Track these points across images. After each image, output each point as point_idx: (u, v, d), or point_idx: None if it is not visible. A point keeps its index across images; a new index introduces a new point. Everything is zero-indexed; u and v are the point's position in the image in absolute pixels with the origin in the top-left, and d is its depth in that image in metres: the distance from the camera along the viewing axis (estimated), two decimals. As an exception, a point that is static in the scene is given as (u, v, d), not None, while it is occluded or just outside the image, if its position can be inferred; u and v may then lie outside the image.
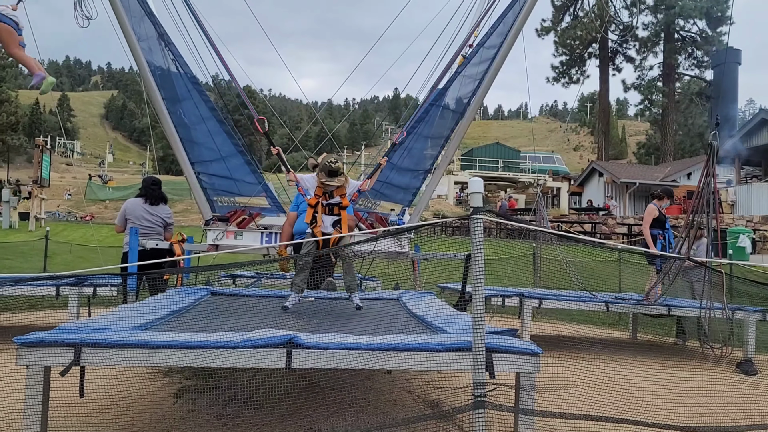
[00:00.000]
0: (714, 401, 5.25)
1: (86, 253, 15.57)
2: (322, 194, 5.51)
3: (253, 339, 3.36)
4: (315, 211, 5.51)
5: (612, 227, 27.08)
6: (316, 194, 5.55)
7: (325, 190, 5.46)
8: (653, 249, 8.38)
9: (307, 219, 5.60)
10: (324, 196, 5.52)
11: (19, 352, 3.22)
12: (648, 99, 48.46)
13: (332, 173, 5.33)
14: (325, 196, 5.52)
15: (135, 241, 6.58)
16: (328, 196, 5.52)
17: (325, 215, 5.52)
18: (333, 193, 5.50)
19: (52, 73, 6.98)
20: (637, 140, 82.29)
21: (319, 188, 5.51)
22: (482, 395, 3.06)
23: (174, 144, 7.22)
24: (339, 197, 5.55)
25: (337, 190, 5.51)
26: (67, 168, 61.42)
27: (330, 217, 5.52)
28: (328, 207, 5.53)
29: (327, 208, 5.53)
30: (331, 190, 5.47)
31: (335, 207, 5.54)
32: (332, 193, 5.51)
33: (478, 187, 3.22)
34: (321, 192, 5.50)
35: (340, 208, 5.55)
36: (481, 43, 7.88)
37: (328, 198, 5.51)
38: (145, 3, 7.13)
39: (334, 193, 5.51)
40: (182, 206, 31.64)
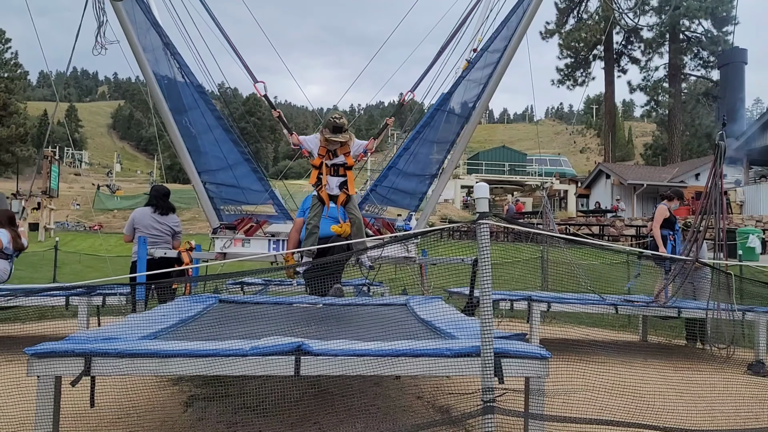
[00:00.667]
0: (726, 403, 5.22)
1: (95, 262, 15.64)
2: (326, 153, 5.28)
3: (262, 347, 3.37)
4: (320, 172, 5.30)
5: (620, 229, 26.98)
6: (320, 154, 5.32)
7: (328, 147, 5.24)
8: (663, 250, 8.34)
9: (311, 180, 5.40)
10: (328, 155, 5.29)
11: (30, 362, 3.24)
12: (654, 100, 48.35)
13: (336, 129, 5.14)
14: (329, 155, 5.29)
15: (143, 250, 6.61)
16: (332, 154, 5.29)
17: (330, 176, 5.30)
18: (337, 151, 5.28)
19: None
20: (643, 141, 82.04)
21: (323, 147, 5.28)
22: (491, 400, 3.05)
23: (181, 153, 7.26)
24: (343, 156, 5.31)
25: (341, 148, 5.27)
26: (75, 178, 61.76)
27: (335, 178, 5.31)
28: (333, 168, 5.31)
29: (332, 169, 5.31)
30: (335, 148, 5.24)
31: (340, 168, 5.32)
32: (336, 152, 5.29)
33: (484, 192, 3.21)
34: (325, 151, 5.27)
35: (345, 168, 5.34)
36: (485, 47, 7.90)
37: (332, 157, 5.28)
38: (150, 14, 7.19)
39: (338, 152, 5.29)
40: (190, 214, 31.74)
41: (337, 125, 5.15)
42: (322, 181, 5.28)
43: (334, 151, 5.28)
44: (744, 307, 7.09)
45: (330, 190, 5.31)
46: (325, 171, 5.31)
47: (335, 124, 5.15)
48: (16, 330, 6.85)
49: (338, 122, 5.15)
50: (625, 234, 26.15)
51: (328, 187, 5.31)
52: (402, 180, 8.33)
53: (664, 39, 46.57)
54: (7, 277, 7.45)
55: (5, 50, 59.97)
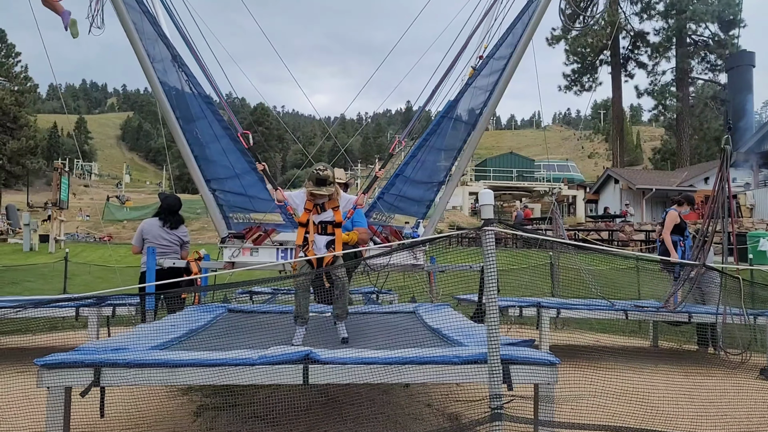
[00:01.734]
0: (738, 409, 5.17)
1: (105, 273, 15.72)
2: (312, 207, 4.99)
3: (270, 356, 3.38)
4: (306, 231, 4.99)
5: (629, 234, 26.85)
6: (306, 209, 5.01)
7: (314, 201, 4.97)
8: (674, 255, 8.27)
9: (297, 241, 5.07)
10: (315, 210, 5.00)
11: (40, 373, 3.26)
12: (662, 104, 48.23)
13: (320, 181, 4.83)
14: (316, 209, 5.00)
15: (152, 260, 6.64)
16: (320, 209, 5.01)
17: (318, 235, 5.00)
18: (325, 206, 5.00)
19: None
20: (652, 146, 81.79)
21: (309, 202, 4.99)
22: (499, 407, 3.05)
23: (189, 163, 7.30)
24: (331, 211, 5.03)
25: (328, 203, 5.01)
26: (85, 190, 62.15)
27: (323, 237, 5.00)
28: (321, 225, 5.02)
29: (320, 227, 5.01)
30: (321, 202, 4.97)
31: (328, 225, 5.01)
32: (324, 207, 5.01)
33: (489, 199, 3.22)
34: (311, 205, 4.99)
35: (334, 225, 5.02)
36: (491, 54, 7.91)
37: (319, 212, 5.00)
38: (158, 26, 7.25)
39: (326, 206, 5.01)
40: (198, 224, 31.87)
41: (320, 177, 4.84)
42: (309, 240, 4.96)
43: (322, 205, 5.00)
44: (755, 312, 7.04)
45: (317, 250, 4.98)
46: (312, 229, 4.99)
47: (318, 177, 4.84)
48: (26, 341, 6.89)
49: (321, 174, 4.84)
50: (634, 239, 26.02)
51: (315, 246, 4.99)
52: (409, 187, 8.34)
53: (670, 43, 46.46)
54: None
55: (15, 64, 60.56)
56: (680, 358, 7.75)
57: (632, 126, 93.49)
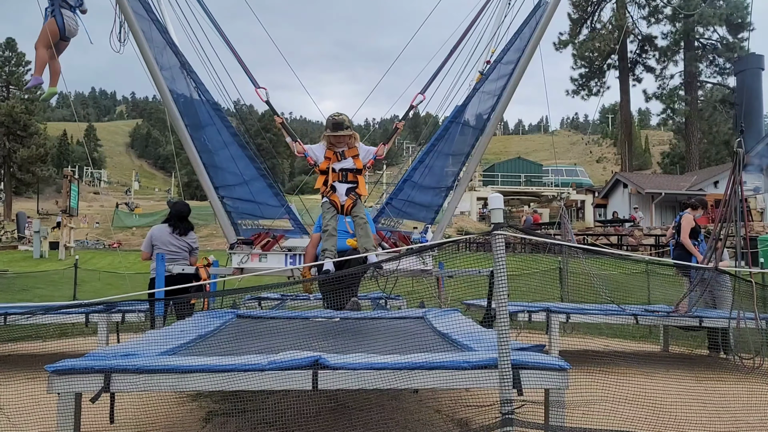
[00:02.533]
0: (751, 414, 5.12)
1: (114, 280, 15.78)
2: (333, 155, 5.05)
3: (280, 361, 3.37)
4: (326, 178, 5.07)
5: (639, 239, 26.72)
6: (327, 157, 5.09)
7: (335, 149, 5.04)
8: (699, 257, 8.15)
9: (317, 185, 5.17)
10: (335, 157, 5.06)
11: (51, 379, 3.26)
12: (670, 108, 47.99)
13: (337, 125, 4.94)
14: (336, 156, 5.06)
15: (162, 267, 6.67)
16: (340, 156, 5.07)
17: (339, 182, 5.08)
18: (345, 153, 5.06)
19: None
20: (661, 150, 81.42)
21: (329, 150, 5.07)
22: (509, 413, 3.03)
23: (198, 169, 7.33)
24: (352, 159, 5.09)
25: (348, 151, 5.06)
26: (95, 197, 62.49)
27: (344, 184, 5.09)
28: (342, 173, 5.09)
29: (340, 175, 5.09)
30: (341, 149, 5.03)
31: (349, 173, 5.10)
32: (344, 154, 5.07)
33: (499, 203, 3.21)
34: (331, 153, 5.05)
35: (354, 173, 5.10)
36: (498, 58, 7.91)
37: (339, 158, 5.06)
38: (166, 34, 7.30)
39: (346, 154, 5.08)
40: (207, 231, 31.96)
41: (336, 121, 4.95)
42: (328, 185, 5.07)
43: (342, 153, 5.08)
44: (765, 316, 6.97)
45: (339, 195, 5.09)
46: (332, 176, 5.09)
47: (335, 121, 4.95)
48: (37, 347, 6.91)
49: (338, 118, 4.96)
50: (644, 243, 25.89)
51: (337, 192, 5.10)
52: (417, 193, 8.34)
53: (678, 47, 46.28)
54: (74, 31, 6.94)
55: (26, 72, 61.04)
56: (692, 363, 7.69)
57: (641, 130, 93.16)
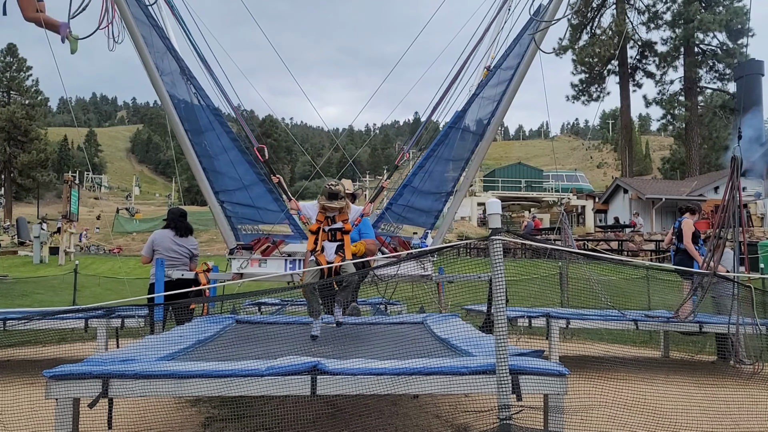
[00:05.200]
0: (752, 420, 5.11)
1: (114, 285, 15.77)
2: (324, 219, 5.48)
3: (278, 366, 3.37)
4: (316, 238, 5.48)
5: (639, 244, 26.69)
6: (318, 220, 5.53)
7: (326, 214, 5.46)
8: (700, 260, 8.13)
9: (309, 246, 5.59)
10: (326, 221, 5.49)
11: (49, 385, 3.26)
12: (670, 113, 48.00)
13: (332, 196, 5.34)
14: (327, 221, 5.49)
15: (161, 272, 6.66)
16: (330, 221, 5.49)
17: (328, 241, 5.48)
18: (335, 218, 5.48)
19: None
20: (661, 155, 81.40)
21: (321, 214, 5.49)
22: (507, 418, 3.02)
23: (197, 174, 7.33)
24: (341, 222, 5.51)
25: (339, 216, 5.49)
26: (95, 202, 62.52)
27: (332, 243, 5.48)
28: (331, 233, 5.50)
29: (329, 234, 5.50)
30: (332, 215, 5.46)
31: (337, 232, 5.50)
32: (334, 218, 5.49)
33: (497, 208, 3.21)
34: (323, 217, 5.48)
35: (343, 233, 5.51)
36: (498, 64, 7.91)
37: (330, 223, 5.49)
38: (167, 39, 7.30)
39: (336, 219, 5.49)
40: (207, 236, 31.94)
41: (332, 192, 5.36)
42: (317, 247, 5.46)
43: (333, 217, 5.50)
44: (766, 321, 6.96)
45: (327, 255, 5.47)
46: (322, 236, 5.49)
47: (330, 191, 5.36)
48: (35, 353, 6.91)
49: (333, 189, 5.37)
50: (644, 249, 25.86)
51: (326, 252, 5.47)
52: (417, 198, 8.33)
53: (678, 53, 46.33)
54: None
55: (26, 77, 61.16)
56: (692, 369, 7.67)
57: (641, 135, 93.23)
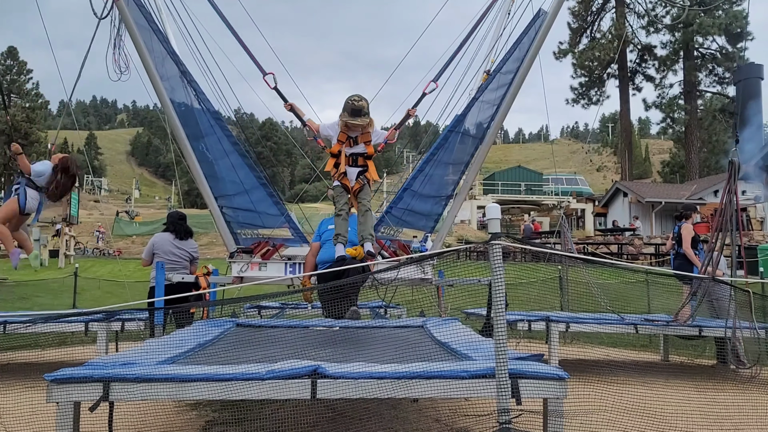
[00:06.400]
0: (752, 424, 5.11)
1: (114, 288, 15.77)
2: (345, 140, 5.00)
3: (278, 370, 3.37)
4: (337, 160, 5.03)
5: (639, 247, 26.69)
6: (339, 140, 5.04)
7: (349, 133, 4.98)
8: (699, 265, 8.13)
9: (328, 168, 5.16)
10: (348, 142, 5.03)
11: (49, 389, 3.27)
12: (670, 117, 48.04)
13: (356, 112, 4.85)
14: (349, 142, 5.03)
15: (161, 275, 6.67)
16: (352, 142, 5.03)
17: (349, 167, 5.04)
18: (357, 139, 5.02)
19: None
20: (661, 159, 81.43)
21: (343, 134, 5.02)
22: (507, 422, 3.02)
23: (197, 178, 7.35)
24: (363, 145, 5.04)
25: (361, 136, 5.00)
26: (95, 205, 62.47)
27: (354, 168, 5.05)
28: (352, 157, 5.06)
29: (350, 159, 5.06)
30: (356, 135, 4.97)
31: (359, 157, 5.08)
32: (356, 139, 5.03)
33: (496, 213, 3.22)
34: (345, 137, 5.00)
35: (365, 158, 5.07)
36: (497, 68, 7.94)
37: (351, 145, 5.02)
38: (167, 43, 7.33)
39: (359, 140, 5.03)
40: (207, 239, 31.93)
41: (356, 107, 4.85)
42: (340, 170, 5.03)
43: (355, 138, 5.03)
44: (766, 325, 6.97)
45: (349, 180, 5.08)
46: (344, 160, 5.04)
47: (354, 107, 4.86)
48: (36, 356, 6.91)
49: (357, 104, 4.86)
50: (644, 252, 25.85)
51: (348, 176, 5.08)
52: (417, 202, 8.34)
53: (678, 56, 46.40)
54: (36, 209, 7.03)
55: (27, 81, 61.24)
56: (692, 373, 7.67)
57: (641, 139, 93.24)
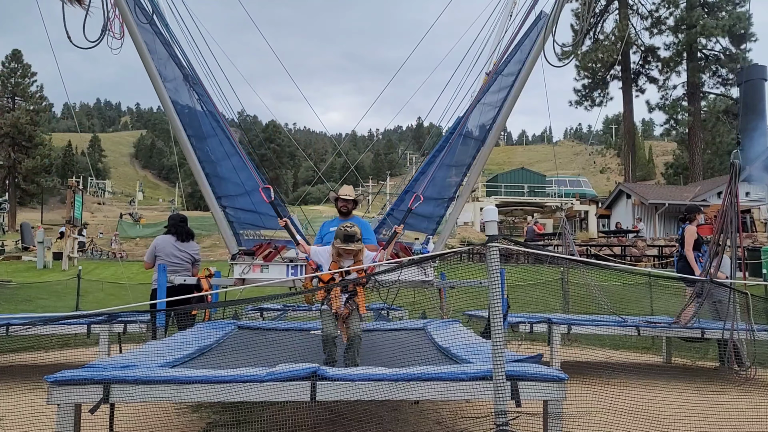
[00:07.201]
0: (752, 426, 5.10)
1: (117, 290, 15.78)
2: (336, 267, 5.15)
3: (278, 372, 3.38)
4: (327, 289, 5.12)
5: (642, 249, 26.63)
6: (330, 269, 5.17)
7: (339, 261, 5.16)
8: (697, 272, 8.11)
9: (318, 297, 5.25)
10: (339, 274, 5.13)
11: (50, 390, 3.28)
12: (673, 119, 47.92)
13: (348, 238, 5.03)
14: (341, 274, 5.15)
15: (163, 277, 6.69)
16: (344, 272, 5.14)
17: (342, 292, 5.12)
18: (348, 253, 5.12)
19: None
20: (664, 160, 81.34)
21: (335, 264, 5.19)
22: (504, 424, 3.03)
23: (200, 180, 7.37)
24: (354, 273, 5.17)
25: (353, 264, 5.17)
26: (99, 207, 62.65)
27: (344, 294, 5.14)
28: None
29: None
30: (348, 263, 5.16)
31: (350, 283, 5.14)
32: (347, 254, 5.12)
33: (493, 216, 3.23)
34: (336, 267, 5.16)
35: (355, 284, 5.17)
36: (499, 71, 7.94)
37: (342, 275, 5.14)
38: (169, 46, 7.35)
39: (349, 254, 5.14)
40: (210, 241, 31.99)
41: (348, 233, 5.04)
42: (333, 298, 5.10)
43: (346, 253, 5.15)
44: (766, 327, 6.96)
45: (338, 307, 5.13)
46: (337, 293, 5.10)
47: (346, 233, 5.04)
48: (38, 358, 6.93)
49: (349, 231, 5.05)
50: (647, 254, 25.79)
51: None
52: (419, 204, 8.35)
53: (681, 58, 46.32)
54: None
55: (31, 84, 61.45)
56: (694, 375, 7.66)
57: (644, 141, 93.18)
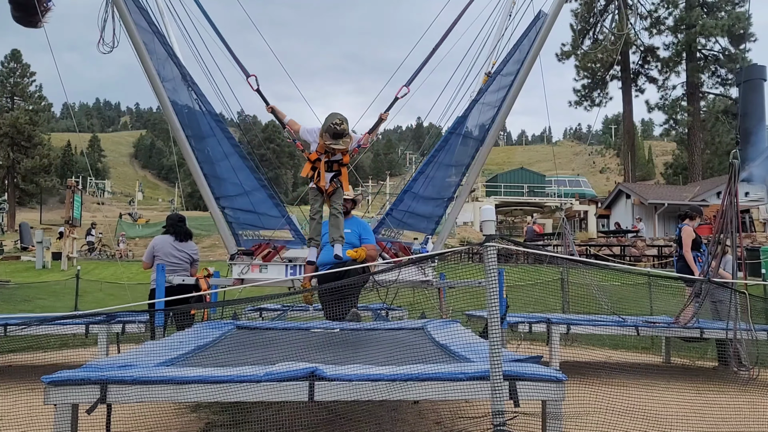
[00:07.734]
0: (751, 426, 5.10)
1: (116, 290, 15.77)
2: (324, 152, 5.48)
3: (276, 372, 3.37)
4: (313, 165, 5.52)
5: (642, 249, 26.62)
6: (318, 150, 5.52)
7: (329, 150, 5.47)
8: (696, 272, 8.09)
9: (304, 173, 5.64)
10: (326, 154, 5.52)
11: (47, 391, 3.27)
12: (673, 119, 47.94)
13: (337, 135, 5.26)
14: (327, 154, 5.53)
15: (162, 277, 6.68)
16: (330, 154, 5.52)
17: (326, 172, 5.53)
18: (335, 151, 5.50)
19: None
20: (664, 160, 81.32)
21: (322, 146, 5.47)
22: (501, 424, 3.02)
23: (198, 180, 7.36)
24: (340, 155, 5.53)
25: None
26: (98, 207, 62.60)
27: (329, 173, 5.54)
28: (328, 163, 5.55)
29: (327, 165, 5.55)
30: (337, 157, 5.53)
31: (334, 163, 5.55)
32: (334, 151, 5.52)
33: (490, 215, 3.22)
34: (323, 150, 5.47)
35: (340, 165, 5.54)
36: (497, 70, 7.94)
37: (330, 156, 5.53)
38: (168, 45, 7.34)
39: (336, 151, 5.51)
40: (210, 241, 31.96)
41: (337, 132, 5.21)
42: (319, 176, 5.50)
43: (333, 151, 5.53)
44: (765, 327, 6.96)
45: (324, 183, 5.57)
46: (323, 167, 5.51)
47: (335, 131, 5.20)
48: (36, 358, 6.92)
49: (338, 129, 5.22)
50: (646, 254, 25.79)
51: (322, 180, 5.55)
52: (418, 204, 8.35)
53: (680, 58, 46.33)
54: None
55: (30, 83, 61.41)
56: (693, 375, 7.65)
57: (643, 141, 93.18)
